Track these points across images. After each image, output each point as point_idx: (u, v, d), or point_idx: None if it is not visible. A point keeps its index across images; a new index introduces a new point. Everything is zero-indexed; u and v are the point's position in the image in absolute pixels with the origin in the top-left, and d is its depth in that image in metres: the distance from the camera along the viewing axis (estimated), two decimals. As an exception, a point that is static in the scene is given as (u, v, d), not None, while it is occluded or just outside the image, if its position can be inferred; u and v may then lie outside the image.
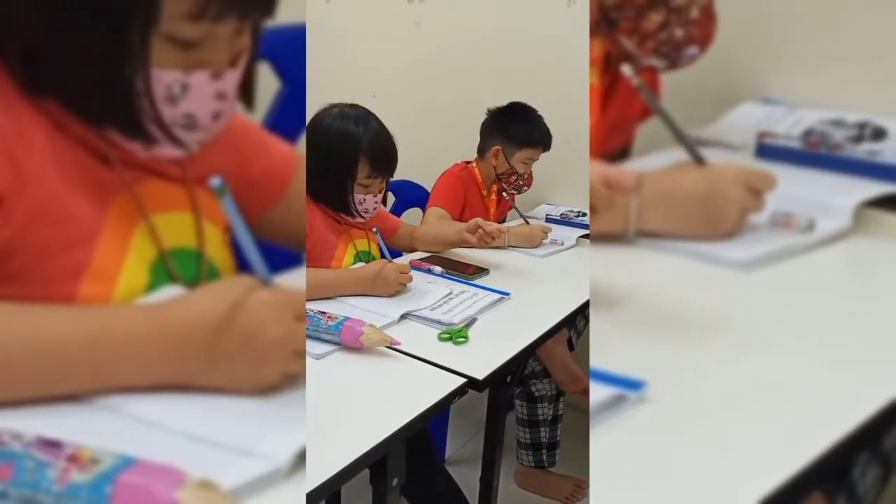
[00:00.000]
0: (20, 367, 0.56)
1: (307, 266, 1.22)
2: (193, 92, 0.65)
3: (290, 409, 0.60)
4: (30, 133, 0.65)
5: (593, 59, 1.04)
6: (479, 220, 1.42)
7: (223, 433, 0.55)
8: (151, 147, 0.68)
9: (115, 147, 0.70)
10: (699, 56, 1.02)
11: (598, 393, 0.61)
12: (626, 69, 0.90)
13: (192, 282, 0.73)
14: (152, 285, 0.69)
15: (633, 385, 0.62)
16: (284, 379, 0.61)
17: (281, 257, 0.79)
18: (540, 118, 1.83)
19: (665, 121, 0.90)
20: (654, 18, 0.97)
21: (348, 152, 1.26)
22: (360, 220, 1.36)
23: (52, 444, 0.46)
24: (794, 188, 0.96)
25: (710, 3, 1.01)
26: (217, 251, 0.79)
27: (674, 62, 1.02)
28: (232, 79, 0.68)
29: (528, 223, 1.71)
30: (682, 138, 0.90)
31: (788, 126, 1.10)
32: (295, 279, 0.75)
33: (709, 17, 1.02)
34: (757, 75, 1.25)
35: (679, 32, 0.99)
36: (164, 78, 0.63)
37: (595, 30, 1.02)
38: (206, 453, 0.52)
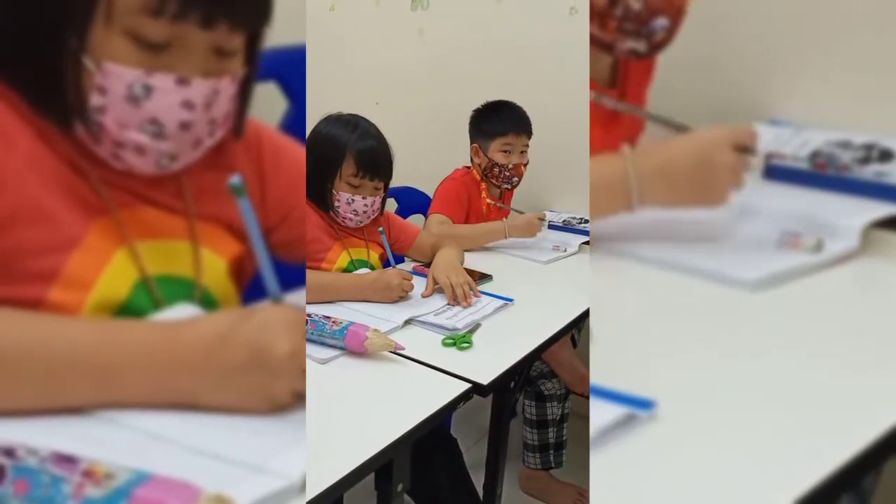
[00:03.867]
0: (28, 371, 0.55)
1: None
2: (157, 95, 0.64)
3: (303, 424, 0.59)
4: (15, 137, 0.65)
5: (593, 82, 1.01)
6: None
7: (235, 449, 0.54)
8: (116, 152, 0.68)
9: (99, 167, 0.70)
10: (674, 28, 0.94)
11: (606, 412, 0.61)
12: (609, 100, 0.89)
13: None
14: (131, 303, 0.69)
15: (644, 404, 0.62)
16: (293, 397, 0.60)
17: (287, 275, 0.79)
18: (513, 108, 1.81)
19: (651, 117, 0.90)
20: None
21: (334, 148, 1.30)
22: (348, 221, 1.35)
23: (67, 459, 0.46)
24: (802, 209, 0.96)
25: None
26: (218, 283, 0.78)
27: (648, 40, 0.95)
28: (201, 89, 0.66)
29: (521, 213, 1.71)
30: (661, 119, 0.91)
31: (796, 147, 1.11)
32: (298, 297, 0.74)
33: None
34: (763, 96, 1.25)
35: (635, 5, 0.92)
36: (125, 75, 0.63)
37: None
38: (219, 469, 0.52)
